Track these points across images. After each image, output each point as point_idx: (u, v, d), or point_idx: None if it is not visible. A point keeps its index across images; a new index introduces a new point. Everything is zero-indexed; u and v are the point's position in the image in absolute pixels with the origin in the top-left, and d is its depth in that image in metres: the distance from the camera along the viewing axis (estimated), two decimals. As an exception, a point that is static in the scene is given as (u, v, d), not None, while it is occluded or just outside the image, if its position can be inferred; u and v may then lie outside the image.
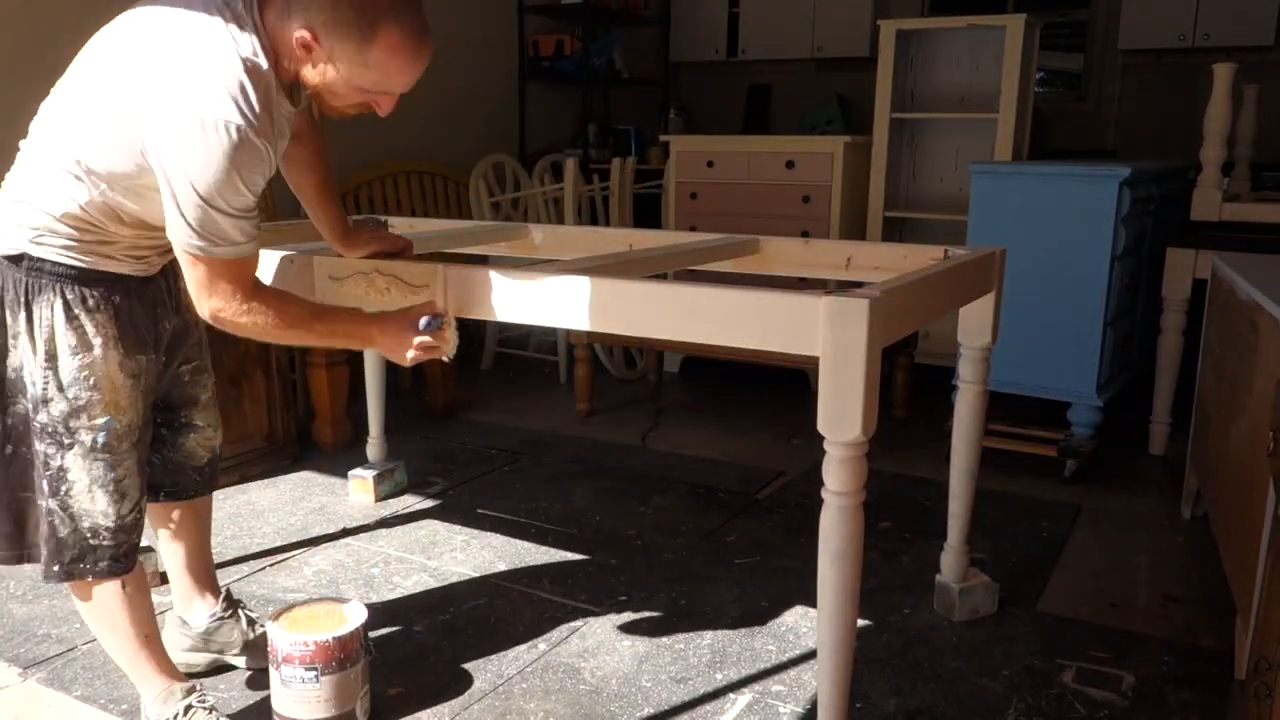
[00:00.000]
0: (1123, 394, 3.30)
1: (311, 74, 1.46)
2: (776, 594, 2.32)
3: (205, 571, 1.96)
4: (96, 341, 1.52)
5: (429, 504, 2.87)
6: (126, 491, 1.59)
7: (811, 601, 1.53)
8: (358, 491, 2.89)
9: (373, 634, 1.98)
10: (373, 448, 2.91)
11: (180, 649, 1.92)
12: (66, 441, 1.53)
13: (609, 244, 2.36)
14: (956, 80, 4.18)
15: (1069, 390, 3.07)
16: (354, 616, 1.79)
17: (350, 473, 2.91)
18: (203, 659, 1.95)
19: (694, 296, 1.50)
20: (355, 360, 3.06)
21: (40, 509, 1.57)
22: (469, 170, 4.33)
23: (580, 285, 1.59)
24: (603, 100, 5.93)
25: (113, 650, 1.69)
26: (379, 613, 2.19)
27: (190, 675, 1.84)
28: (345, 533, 2.66)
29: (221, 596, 1.96)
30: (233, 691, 1.90)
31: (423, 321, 1.63)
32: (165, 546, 1.91)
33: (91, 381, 1.52)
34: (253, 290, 1.50)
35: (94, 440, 1.54)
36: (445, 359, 1.69)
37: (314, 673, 1.70)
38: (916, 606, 2.26)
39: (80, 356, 1.51)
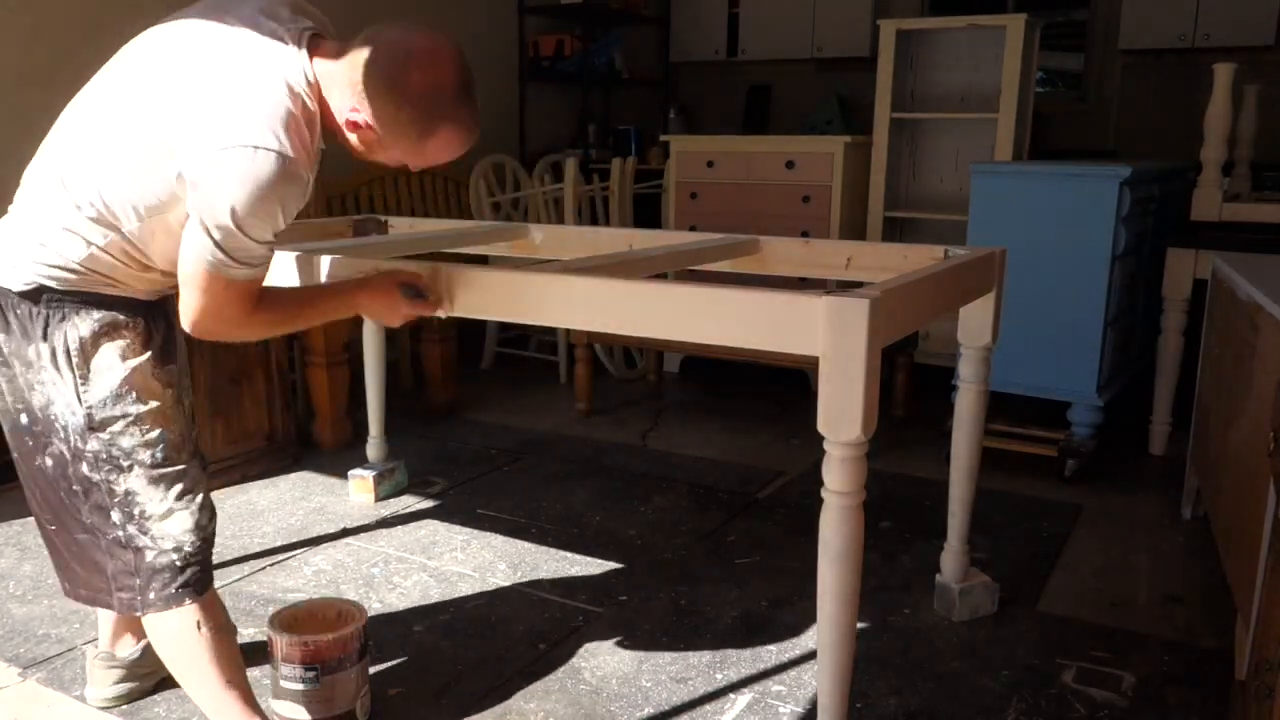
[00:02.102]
0: (1123, 394, 3.30)
1: (355, 141, 1.46)
2: (776, 594, 2.32)
3: None
4: (130, 357, 1.47)
5: (429, 504, 2.87)
6: (201, 502, 1.55)
7: (811, 601, 1.53)
8: (358, 491, 2.89)
9: (373, 634, 1.98)
10: (373, 448, 2.91)
11: (109, 684, 1.85)
12: (125, 464, 1.48)
13: (609, 244, 2.36)
14: (956, 80, 4.18)
15: (1069, 390, 3.07)
16: (354, 616, 1.79)
17: (350, 473, 2.91)
18: (127, 688, 1.86)
19: (694, 296, 1.50)
20: (355, 360, 3.06)
21: (117, 542, 1.51)
22: (469, 170, 4.33)
23: (580, 285, 1.59)
24: (603, 100, 5.93)
25: (193, 691, 1.61)
26: (379, 613, 2.19)
27: (122, 703, 1.82)
28: (345, 533, 2.66)
29: None
30: (233, 691, 1.89)
31: (403, 290, 1.64)
32: None
33: (134, 396, 1.47)
34: (255, 305, 1.47)
35: (153, 457, 1.49)
36: (442, 315, 1.69)
37: (314, 673, 1.70)
38: (916, 606, 2.26)
39: (116, 373, 1.46)
